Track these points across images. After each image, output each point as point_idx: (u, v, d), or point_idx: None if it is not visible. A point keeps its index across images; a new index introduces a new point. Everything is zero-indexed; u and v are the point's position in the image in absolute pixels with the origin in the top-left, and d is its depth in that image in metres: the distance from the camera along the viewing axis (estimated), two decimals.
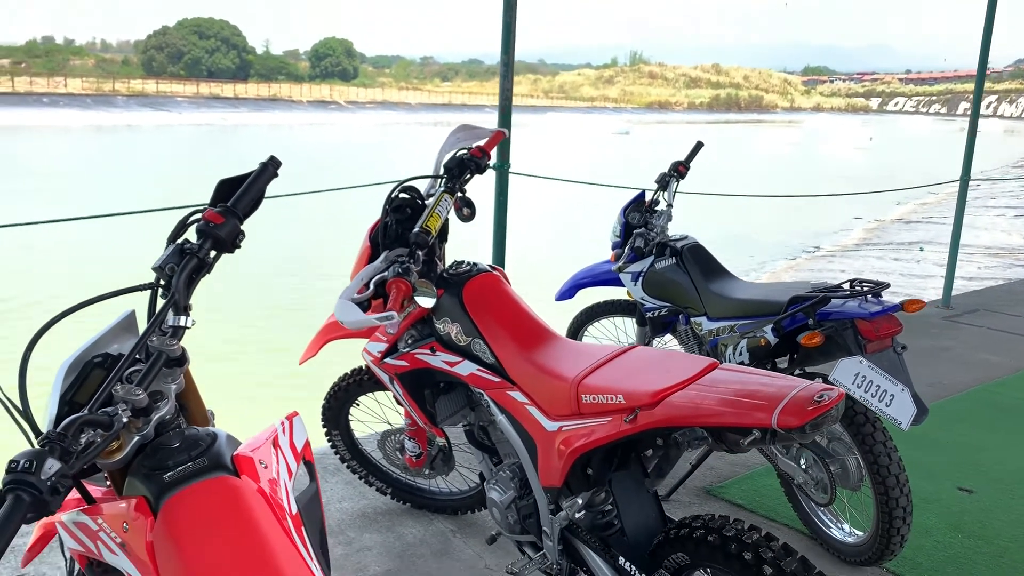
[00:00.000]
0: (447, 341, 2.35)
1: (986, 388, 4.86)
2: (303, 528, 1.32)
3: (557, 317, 4.58)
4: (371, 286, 2.17)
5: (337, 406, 3.08)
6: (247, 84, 76.86)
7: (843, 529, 2.99)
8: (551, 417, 2.06)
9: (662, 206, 3.74)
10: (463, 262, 2.44)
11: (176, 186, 20.55)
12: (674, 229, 3.70)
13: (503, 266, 4.01)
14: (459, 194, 2.50)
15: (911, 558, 2.99)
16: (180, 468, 1.26)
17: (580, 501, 2.06)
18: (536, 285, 4.52)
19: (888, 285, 2.73)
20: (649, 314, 3.66)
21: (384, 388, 2.88)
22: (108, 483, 1.39)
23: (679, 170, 3.78)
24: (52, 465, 1.08)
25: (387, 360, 2.46)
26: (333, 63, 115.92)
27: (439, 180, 2.49)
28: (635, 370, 1.94)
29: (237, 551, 1.18)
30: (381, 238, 2.35)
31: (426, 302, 2.34)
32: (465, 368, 2.30)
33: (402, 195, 2.45)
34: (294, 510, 1.32)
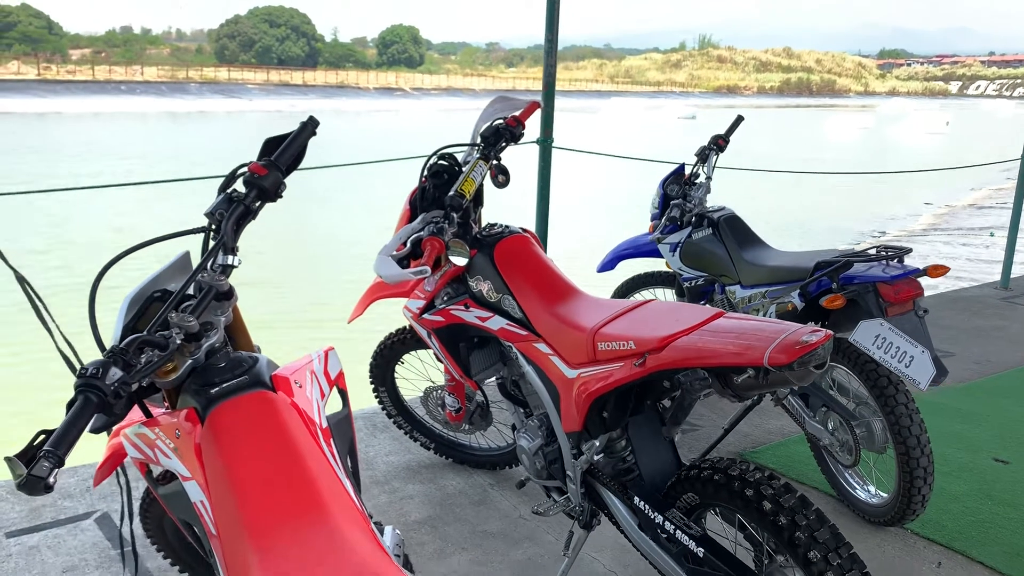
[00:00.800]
0: (479, 298, 2.51)
1: None
2: (332, 440, 1.49)
3: (599, 289, 4.71)
4: (408, 244, 2.34)
5: (383, 364, 3.27)
6: (315, 71, 78.20)
7: (868, 491, 3.07)
8: (571, 365, 2.20)
9: (701, 179, 3.83)
10: (496, 224, 2.60)
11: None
12: (734, 211, 3.74)
13: (546, 238, 4.15)
14: (494, 162, 2.64)
15: (936, 520, 3.05)
16: (225, 384, 1.44)
17: (598, 444, 2.20)
18: (581, 258, 4.65)
19: (910, 250, 2.79)
20: (686, 284, 3.76)
21: (426, 347, 3.06)
22: (166, 405, 1.58)
23: (718, 143, 3.86)
24: (115, 373, 1.27)
25: (425, 316, 2.64)
26: (399, 50, 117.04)
27: (475, 148, 2.64)
28: (647, 320, 2.07)
29: (272, 452, 1.36)
30: (419, 201, 2.52)
31: (460, 261, 2.51)
32: (495, 323, 2.46)
33: (440, 162, 2.62)
34: (324, 424, 1.50)
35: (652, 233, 3.84)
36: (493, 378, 2.70)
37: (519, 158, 2.75)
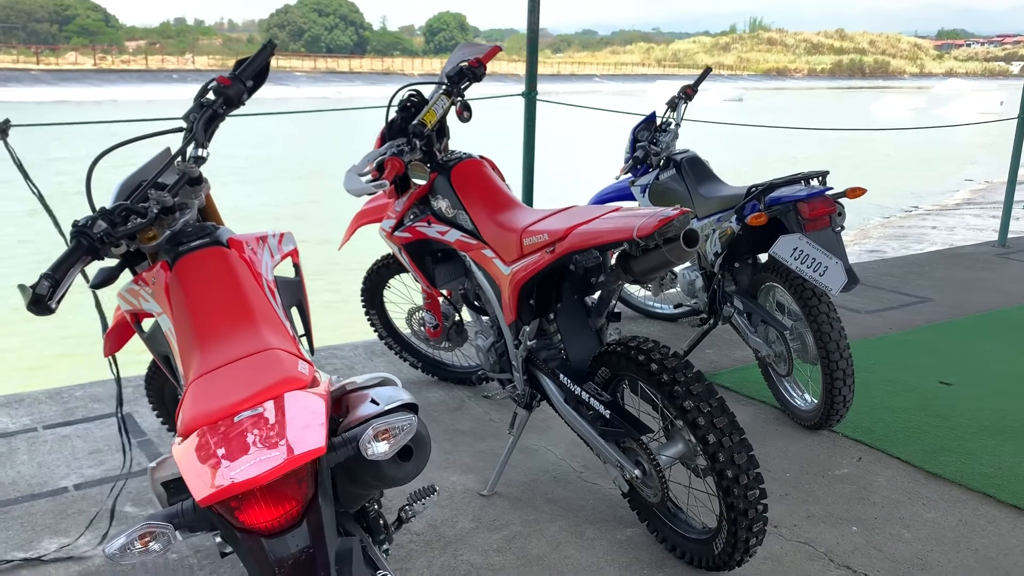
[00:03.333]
0: (439, 214, 2.89)
1: (1007, 310, 5.05)
2: (276, 293, 1.88)
3: None
4: (373, 164, 2.73)
5: (372, 288, 3.67)
6: (362, 59, 79.19)
7: (804, 399, 3.38)
8: (507, 263, 2.57)
9: (672, 126, 4.14)
10: (455, 151, 2.97)
11: (291, 144, 21.96)
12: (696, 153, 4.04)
13: (531, 187, 4.50)
14: (459, 99, 3.01)
15: (867, 426, 3.35)
16: (190, 242, 1.84)
17: (528, 328, 2.57)
18: (567, 200, 4.98)
19: (828, 172, 3.10)
20: None
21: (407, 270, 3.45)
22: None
23: (687, 93, 4.17)
24: (101, 225, 1.68)
25: (395, 233, 3.02)
26: (447, 37, 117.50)
27: (440, 85, 3.01)
28: (563, 218, 2.43)
29: (221, 289, 1.75)
30: (387, 130, 2.90)
31: (419, 181, 2.89)
32: (452, 236, 2.83)
33: (411, 98, 3.00)
34: (270, 278, 1.89)
35: (625, 175, 4.17)
36: (458, 287, 3.08)
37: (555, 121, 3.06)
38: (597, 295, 2.59)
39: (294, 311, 2.08)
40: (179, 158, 1.90)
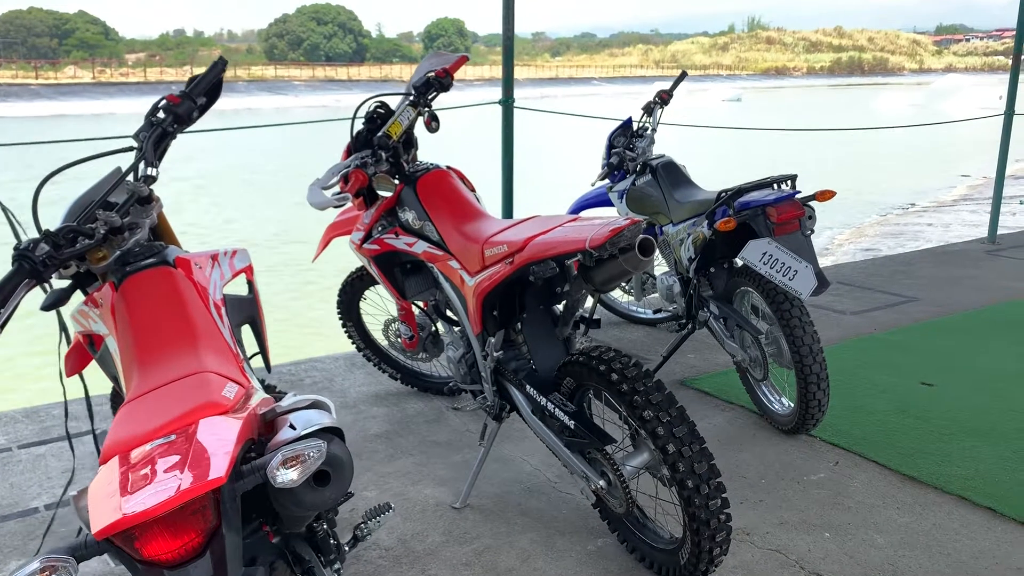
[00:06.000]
0: (407, 226, 2.88)
1: (994, 307, 5.03)
2: (223, 310, 1.87)
3: None
4: (338, 177, 2.72)
5: (347, 300, 3.66)
6: (360, 67, 79.32)
7: (781, 403, 3.37)
8: (471, 274, 2.56)
9: (648, 131, 4.14)
10: (423, 162, 2.96)
11: (286, 153, 22.00)
12: (672, 158, 4.03)
13: (511, 194, 4.49)
14: (426, 109, 3.00)
15: (845, 430, 3.33)
16: (137, 262, 1.83)
17: (493, 340, 2.56)
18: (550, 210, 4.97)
19: (796, 175, 3.08)
20: None
21: None
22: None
23: (662, 97, 4.16)
24: (44, 248, 1.67)
25: (364, 246, 3.01)
26: (445, 43, 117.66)
27: (406, 96, 3.00)
28: (524, 228, 2.42)
29: (165, 310, 1.74)
30: (352, 142, 2.90)
31: (385, 193, 2.88)
32: (420, 247, 2.83)
33: (378, 109, 3.00)
34: (218, 297, 1.88)
35: (602, 182, 4.17)
36: (429, 299, 3.07)
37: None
38: (563, 304, 2.58)
39: (249, 330, 2.07)
40: (129, 177, 1.89)
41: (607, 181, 4.25)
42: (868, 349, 4.29)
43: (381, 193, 2.93)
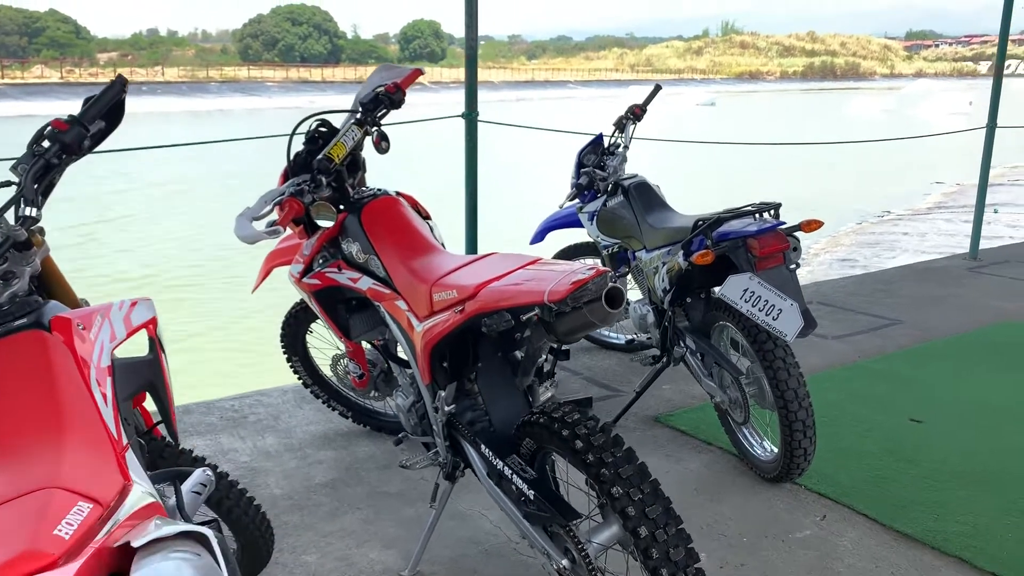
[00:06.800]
0: (350, 259, 2.58)
1: (980, 331, 4.81)
2: (111, 377, 1.57)
3: None
4: (269, 205, 2.41)
5: (292, 333, 3.36)
6: (335, 68, 78.60)
7: (764, 447, 3.10)
8: (419, 319, 2.27)
9: (620, 149, 3.86)
10: (370, 188, 2.66)
11: (256, 157, 21.56)
12: (645, 178, 3.76)
13: (476, 210, 4.20)
14: (375, 128, 2.70)
15: (831, 476, 3.08)
16: (5, 322, 1.53)
17: (444, 394, 2.27)
18: (521, 232, 4.70)
19: (780, 204, 2.82)
20: (604, 252, 3.81)
21: None
22: None
23: (635, 112, 3.90)
24: None
25: (304, 280, 2.71)
26: (421, 45, 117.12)
27: (353, 114, 2.70)
28: (478, 270, 2.13)
29: (30, 383, 1.43)
30: (290, 166, 2.59)
31: (325, 223, 2.58)
32: (365, 283, 2.53)
33: (320, 128, 2.70)
34: (105, 363, 1.57)
35: (571, 202, 3.89)
36: (376, 339, 2.77)
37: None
38: (523, 351, 2.29)
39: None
40: (8, 215, 1.59)
41: (577, 201, 3.98)
42: (853, 379, 4.05)
43: (322, 223, 2.63)
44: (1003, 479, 3.07)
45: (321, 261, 2.67)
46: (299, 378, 3.50)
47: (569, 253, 4.21)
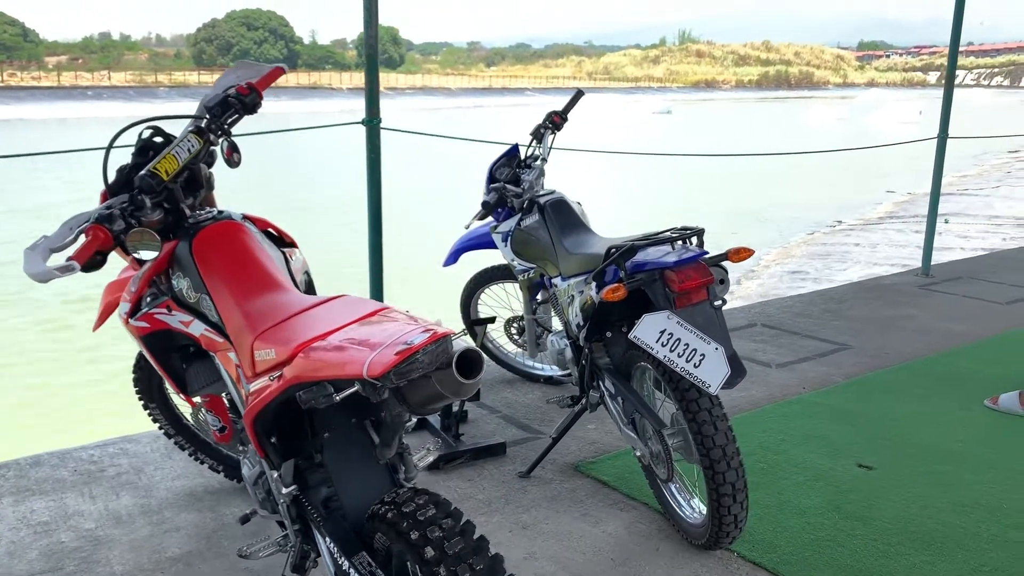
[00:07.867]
0: (180, 298, 2.11)
1: (931, 359, 4.46)
2: None
3: (449, 289, 4.30)
4: (73, 234, 1.93)
5: (145, 377, 2.87)
6: (289, 74, 77.49)
7: (692, 507, 2.68)
8: (248, 379, 1.81)
9: (537, 161, 3.44)
10: (209, 210, 2.20)
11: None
12: (563, 195, 3.35)
13: (380, 224, 3.71)
14: (224, 138, 2.24)
15: (770, 540, 2.67)
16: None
17: (276, 475, 1.81)
18: (436, 252, 4.24)
19: (703, 230, 2.41)
20: (520, 277, 3.38)
21: None
22: None
23: (554, 120, 3.48)
24: None
25: (131, 321, 2.23)
26: (379, 50, 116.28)
27: (193, 120, 2.24)
28: (307, 323, 1.68)
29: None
30: (110, 182, 2.11)
31: (147, 254, 2.11)
32: (197, 328, 2.06)
33: (156, 139, 2.23)
34: None
35: (481, 222, 3.45)
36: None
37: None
38: (381, 419, 1.84)
39: None
40: None
41: (490, 219, 3.53)
42: (796, 416, 3.66)
43: (142, 254, 2.16)
44: (965, 541, 2.68)
45: (149, 299, 2.19)
46: (159, 427, 3.00)
47: (482, 279, 3.78)
